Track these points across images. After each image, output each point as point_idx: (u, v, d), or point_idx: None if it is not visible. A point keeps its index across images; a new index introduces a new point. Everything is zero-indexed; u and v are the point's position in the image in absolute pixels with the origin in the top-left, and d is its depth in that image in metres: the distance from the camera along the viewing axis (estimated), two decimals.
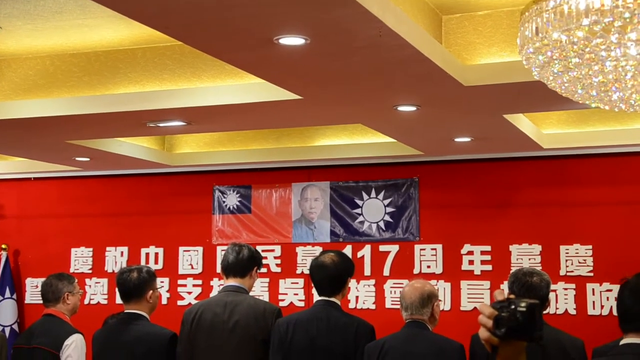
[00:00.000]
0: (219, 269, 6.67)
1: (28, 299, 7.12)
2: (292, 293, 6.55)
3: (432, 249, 6.23)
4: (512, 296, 1.66)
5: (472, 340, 3.71)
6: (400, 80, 3.78)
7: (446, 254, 6.18)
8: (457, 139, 5.35)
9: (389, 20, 2.89)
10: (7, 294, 7.01)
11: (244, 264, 4.23)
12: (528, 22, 2.41)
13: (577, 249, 5.80)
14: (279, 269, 6.58)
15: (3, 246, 7.09)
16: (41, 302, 4.64)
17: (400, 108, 4.35)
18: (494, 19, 3.81)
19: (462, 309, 6.04)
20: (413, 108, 4.34)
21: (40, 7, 3.69)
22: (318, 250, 6.48)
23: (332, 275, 3.95)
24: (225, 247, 6.65)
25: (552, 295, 4.67)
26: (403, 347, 3.59)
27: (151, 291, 4.26)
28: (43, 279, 6.84)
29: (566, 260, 5.82)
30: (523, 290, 3.64)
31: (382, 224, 6.40)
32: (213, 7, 2.72)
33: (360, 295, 6.31)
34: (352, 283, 6.10)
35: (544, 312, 3.65)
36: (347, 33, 2.99)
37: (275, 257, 6.57)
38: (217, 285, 6.71)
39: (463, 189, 6.20)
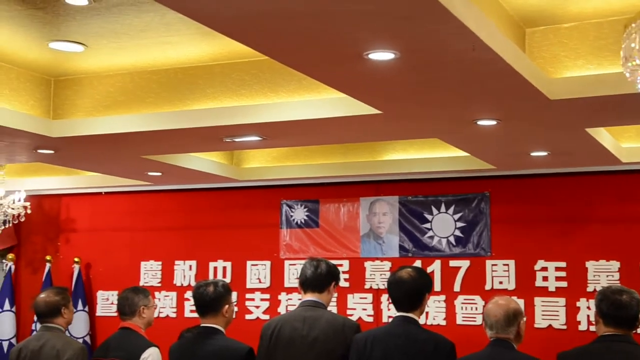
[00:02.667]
0: (287, 284, 6.77)
1: (99, 312, 7.22)
2: (361, 308, 6.51)
3: (504, 265, 6.14)
4: None
5: (557, 359, 3.62)
6: (484, 95, 3.74)
7: (519, 270, 6.09)
8: (533, 154, 5.26)
9: (482, 34, 2.86)
10: (80, 306, 7.12)
11: (322, 278, 4.20)
12: (635, 33, 2.36)
13: None
14: (347, 284, 6.55)
15: (76, 259, 7.22)
16: (112, 314, 4.69)
17: (480, 122, 4.30)
18: (580, 31, 3.74)
19: (536, 326, 5.93)
20: (493, 122, 4.29)
21: (127, 26, 3.75)
22: (387, 265, 6.46)
23: (410, 291, 3.89)
24: (293, 262, 6.76)
25: None
26: None
27: (227, 305, 4.25)
28: (114, 292, 7.00)
29: None
30: (612, 308, 3.53)
31: (452, 239, 6.33)
32: (303, 21, 2.72)
33: (430, 311, 6.24)
34: None
35: (634, 332, 3.55)
36: (439, 47, 2.97)
37: (344, 272, 6.54)
38: (285, 299, 6.72)
39: (536, 203, 6.09)
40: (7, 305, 7.18)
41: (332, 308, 6.46)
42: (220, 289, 4.26)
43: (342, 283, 6.53)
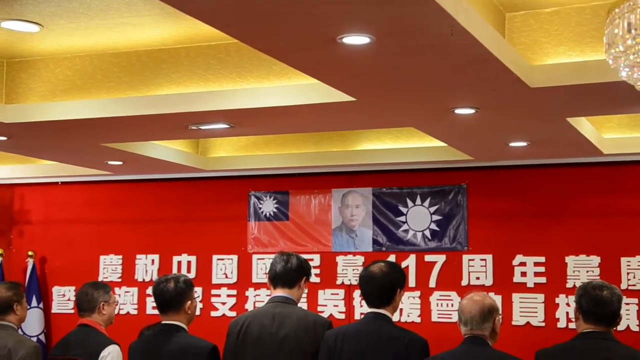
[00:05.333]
0: (255, 279, 6.76)
1: (55, 308, 7.15)
2: (332, 304, 6.53)
3: (481, 260, 6.19)
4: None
5: (536, 357, 3.66)
6: (463, 82, 3.75)
7: (497, 265, 6.14)
8: (512, 144, 5.31)
9: (461, 17, 2.87)
10: (34, 302, 7.04)
11: (293, 274, 4.20)
12: (619, 18, 2.38)
13: (639, 261, 5.73)
14: (318, 279, 6.56)
15: (30, 253, 7.14)
16: (69, 311, 4.65)
17: (458, 111, 4.32)
18: (561, 16, 3.77)
19: (514, 323, 5.99)
20: (471, 111, 4.32)
21: (86, 5, 3.70)
22: (359, 259, 6.48)
23: (381, 287, 3.90)
24: (261, 256, 6.75)
25: None
26: None
27: (189, 302, 4.24)
28: (71, 287, 6.93)
29: (627, 273, 5.77)
30: (592, 304, 3.58)
31: (427, 233, 6.37)
32: (273, 3, 2.71)
33: (404, 307, 6.27)
34: None
35: (614, 329, 3.60)
36: (416, 31, 2.97)
37: (315, 267, 6.55)
38: (252, 295, 6.72)
39: (515, 196, 6.15)
40: None
41: (303, 304, 6.46)
42: (181, 285, 4.24)
43: (313, 278, 6.53)
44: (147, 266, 7.04)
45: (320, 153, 6.31)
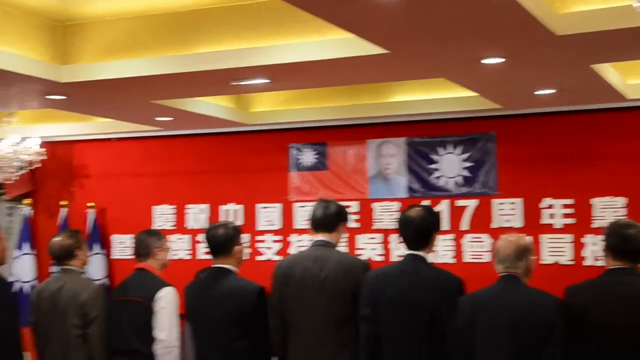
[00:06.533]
0: (296, 225, 6.75)
1: (115, 255, 7.24)
2: (370, 248, 6.51)
3: (511, 203, 6.10)
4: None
5: (566, 292, 3.59)
6: (490, 31, 3.64)
7: (526, 208, 6.05)
8: (538, 92, 5.17)
9: None
10: (97, 249, 7.15)
11: (331, 219, 4.19)
12: None
13: None
14: (357, 225, 6.53)
15: (90, 204, 7.22)
16: (127, 257, 4.69)
17: (486, 61, 4.20)
18: None
19: (542, 262, 5.90)
20: (499, 60, 4.19)
21: None
22: (395, 205, 6.43)
23: (418, 229, 3.87)
24: (302, 204, 6.73)
25: None
26: (498, 300, 3.50)
27: (237, 246, 4.29)
28: (128, 236, 7.01)
29: None
30: (620, 242, 3.51)
31: (459, 179, 6.28)
32: None
33: (439, 249, 6.21)
34: None
35: None
36: None
37: (353, 213, 6.51)
38: (295, 240, 6.72)
39: (543, 142, 6.02)
40: (26, 249, 7.22)
41: (343, 248, 6.46)
42: (230, 231, 4.30)
43: (352, 224, 6.54)
44: (197, 215, 7.07)
45: (355, 105, 6.24)
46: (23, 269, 7.12)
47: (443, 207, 6.29)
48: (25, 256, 7.15)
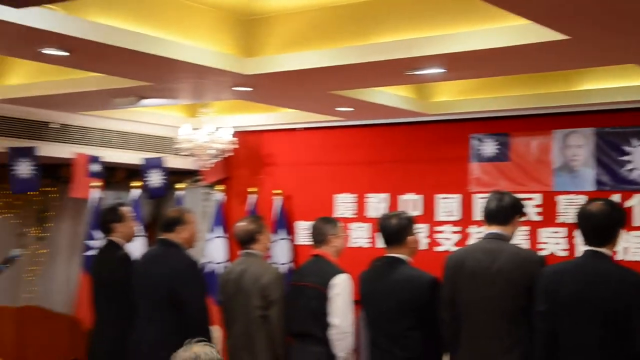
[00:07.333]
0: (476, 217, 6.54)
1: (298, 240, 7.44)
2: (553, 242, 6.17)
3: None
4: None
5: None
6: None
7: None
8: None
9: None
10: (282, 234, 7.37)
11: (506, 211, 4.02)
12: None
13: None
14: (539, 218, 6.22)
15: (277, 192, 7.46)
16: (310, 243, 4.78)
17: None
18: None
19: None
20: None
21: None
22: (582, 199, 6.03)
23: (598, 225, 3.59)
24: (482, 195, 6.50)
25: None
26: None
27: (410, 236, 4.25)
28: (310, 222, 7.16)
29: None
30: None
31: None
32: None
33: (629, 246, 5.76)
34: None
35: None
36: None
37: (536, 206, 6.21)
38: (475, 232, 6.53)
39: None
40: (219, 232, 7.60)
41: (524, 242, 6.19)
42: (403, 221, 4.28)
43: (534, 217, 6.24)
44: (377, 204, 7.07)
45: (540, 94, 5.92)
46: (215, 251, 7.49)
47: (635, 202, 5.82)
48: (217, 239, 7.51)
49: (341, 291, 4.44)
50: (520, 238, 6.16)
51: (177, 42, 4.43)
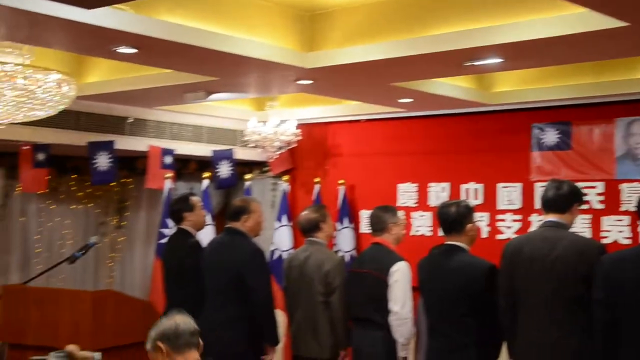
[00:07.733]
0: (537, 205, 6.47)
1: (362, 229, 7.51)
2: (617, 230, 6.07)
3: None
4: None
5: None
6: None
7: None
8: None
9: None
10: (346, 223, 7.46)
11: (564, 199, 4.00)
12: None
13: None
14: (601, 206, 6.13)
15: (340, 181, 7.55)
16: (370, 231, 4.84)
17: None
18: None
19: None
20: None
21: None
22: None
23: None
24: (543, 184, 6.40)
25: None
26: None
27: (469, 224, 4.24)
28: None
29: None
30: None
31: None
32: None
33: None
34: None
35: None
36: None
37: (598, 194, 6.13)
38: (536, 220, 6.46)
39: None
40: (285, 221, 7.73)
41: (586, 230, 6.11)
42: (462, 209, 4.28)
43: (596, 205, 6.15)
44: (438, 193, 7.08)
45: (602, 83, 5.82)
46: (282, 239, 7.63)
47: None
48: (283, 227, 7.65)
49: (400, 278, 4.49)
50: (582, 226, 6.10)
51: (241, 38, 4.55)
